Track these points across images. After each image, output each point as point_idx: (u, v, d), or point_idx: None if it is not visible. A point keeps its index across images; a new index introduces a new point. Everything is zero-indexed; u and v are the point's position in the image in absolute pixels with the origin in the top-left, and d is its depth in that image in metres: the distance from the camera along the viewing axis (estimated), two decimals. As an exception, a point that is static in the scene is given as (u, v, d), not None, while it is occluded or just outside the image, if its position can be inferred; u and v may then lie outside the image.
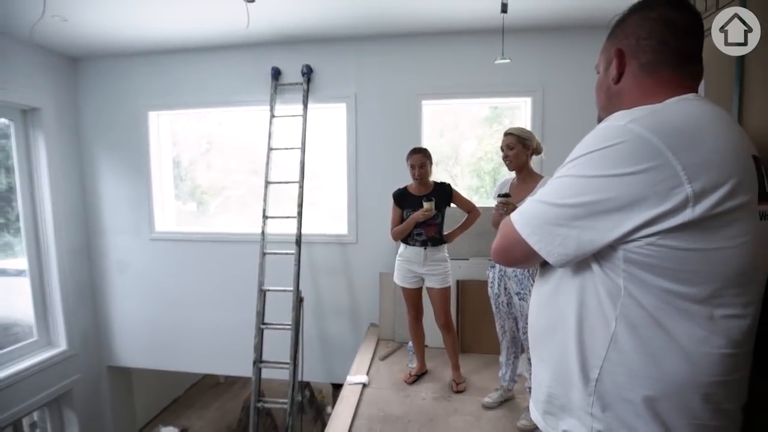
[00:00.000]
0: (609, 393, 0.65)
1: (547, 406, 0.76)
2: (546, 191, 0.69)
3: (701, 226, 0.58)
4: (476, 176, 3.57)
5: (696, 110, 0.63)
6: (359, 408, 2.22)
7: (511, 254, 0.75)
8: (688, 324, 0.61)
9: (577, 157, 0.65)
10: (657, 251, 0.59)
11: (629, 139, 0.59)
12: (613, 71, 0.74)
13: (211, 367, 3.79)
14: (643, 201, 0.58)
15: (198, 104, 3.45)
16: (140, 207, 3.53)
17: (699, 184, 0.56)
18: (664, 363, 0.62)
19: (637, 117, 0.61)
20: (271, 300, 3.09)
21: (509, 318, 2.09)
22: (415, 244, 2.32)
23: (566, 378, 0.71)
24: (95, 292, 3.67)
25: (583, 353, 0.67)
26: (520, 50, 2.75)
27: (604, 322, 0.65)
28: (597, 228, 0.62)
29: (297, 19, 2.80)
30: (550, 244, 0.66)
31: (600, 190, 0.61)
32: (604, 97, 0.78)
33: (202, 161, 3.87)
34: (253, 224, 3.36)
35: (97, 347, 3.68)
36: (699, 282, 0.60)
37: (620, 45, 0.74)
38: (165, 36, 3.07)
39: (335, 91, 3.22)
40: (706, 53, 1.01)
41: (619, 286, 0.63)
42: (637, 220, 0.59)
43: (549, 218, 0.67)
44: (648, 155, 0.58)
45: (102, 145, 3.54)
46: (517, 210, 0.74)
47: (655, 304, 0.61)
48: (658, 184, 0.57)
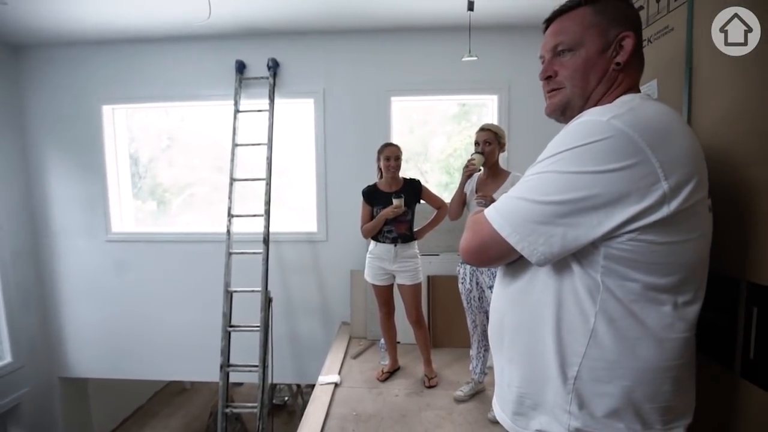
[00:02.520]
0: (587, 389, 0.66)
1: (518, 407, 0.75)
2: (526, 188, 0.65)
3: (673, 220, 0.60)
4: (446, 172, 3.61)
5: (661, 109, 0.65)
6: (331, 408, 2.19)
7: (485, 253, 0.71)
8: (657, 312, 0.64)
9: (557, 152, 0.63)
10: (637, 246, 0.61)
11: (613, 135, 0.59)
12: (621, 57, 0.69)
13: (175, 374, 3.64)
14: (626, 197, 0.59)
15: (157, 98, 3.28)
16: (94, 207, 3.32)
17: (673, 180, 0.58)
18: (640, 352, 0.64)
19: (618, 113, 0.61)
20: (239, 301, 2.99)
21: (480, 312, 2.12)
22: (386, 241, 2.31)
23: (541, 377, 0.70)
24: (44, 298, 3.43)
25: (562, 352, 0.67)
26: (486, 48, 2.79)
27: (583, 318, 0.65)
28: (582, 225, 0.61)
29: (262, 10, 2.72)
30: (534, 243, 0.64)
31: (587, 186, 0.60)
32: (594, 79, 0.71)
33: (163, 158, 3.69)
34: (218, 223, 3.23)
35: (47, 358, 3.43)
36: (670, 272, 0.63)
37: (628, 31, 0.70)
38: (121, 25, 2.90)
39: (303, 87, 3.16)
40: (659, 56, 1.06)
41: (597, 282, 0.64)
42: (620, 216, 0.59)
43: (532, 216, 0.64)
44: (631, 152, 0.58)
45: (50, 141, 3.30)
46: (492, 207, 0.70)
47: (630, 296, 0.63)
48: (640, 180, 0.58)
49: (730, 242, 0.82)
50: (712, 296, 0.78)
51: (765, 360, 0.75)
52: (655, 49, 1.09)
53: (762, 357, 0.76)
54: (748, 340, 0.78)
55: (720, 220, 0.77)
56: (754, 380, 0.77)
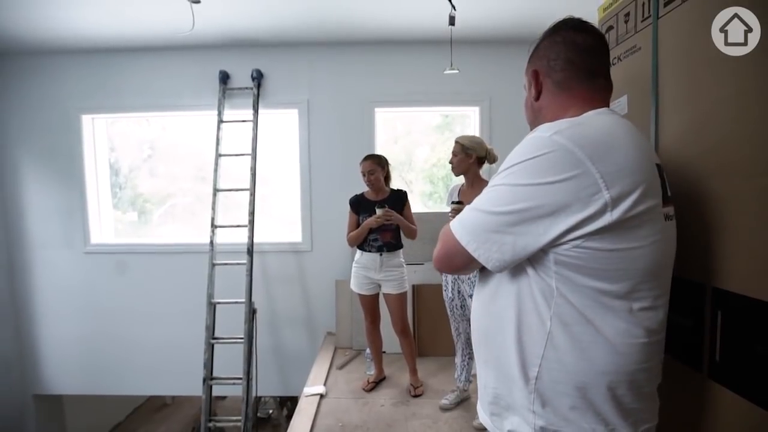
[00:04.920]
0: (547, 389, 0.69)
1: (494, 408, 0.79)
2: (483, 200, 0.71)
3: (618, 228, 0.63)
4: (430, 182, 3.66)
5: (609, 123, 0.70)
6: (317, 420, 2.17)
7: (451, 262, 0.77)
8: (612, 318, 0.67)
9: (509, 166, 0.68)
10: (582, 253, 0.64)
11: (554, 149, 0.63)
12: (533, 90, 0.82)
13: (156, 388, 3.53)
14: (568, 207, 0.63)
15: (139, 108, 3.24)
16: (72, 218, 3.24)
17: (615, 190, 0.62)
18: (594, 356, 0.67)
19: (560, 129, 0.66)
20: (222, 313, 2.94)
21: (463, 320, 2.15)
22: (371, 249, 2.32)
23: (509, 378, 0.74)
24: (18, 312, 3.31)
25: (523, 353, 0.71)
26: (468, 62, 2.86)
27: (540, 322, 0.69)
28: (530, 233, 0.65)
29: (246, 21, 2.73)
30: (488, 251, 0.69)
31: (531, 197, 0.64)
32: (530, 113, 0.85)
33: (144, 168, 3.64)
34: (201, 234, 3.19)
35: (20, 375, 3.31)
36: (620, 279, 0.66)
37: (535, 66, 0.81)
38: (102, 34, 2.87)
39: (287, 97, 3.17)
40: (629, 71, 1.12)
41: (551, 287, 0.68)
42: (564, 224, 0.63)
43: (486, 226, 0.69)
44: (571, 164, 0.62)
45: (27, 151, 3.22)
46: (456, 219, 0.76)
47: (583, 301, 0.67)
48: (581, 191, 0.62)
49: (695, 249, 0.86)
50: (679, 301, 0.82)
51: (730, 361, 0.79)
52: (624, 66, 1.14)
53: (727, 358, 0.80)
54: (714, 342, 0.82)
55: (686, 228, 0.81)
56: (721, 381, 0.81)
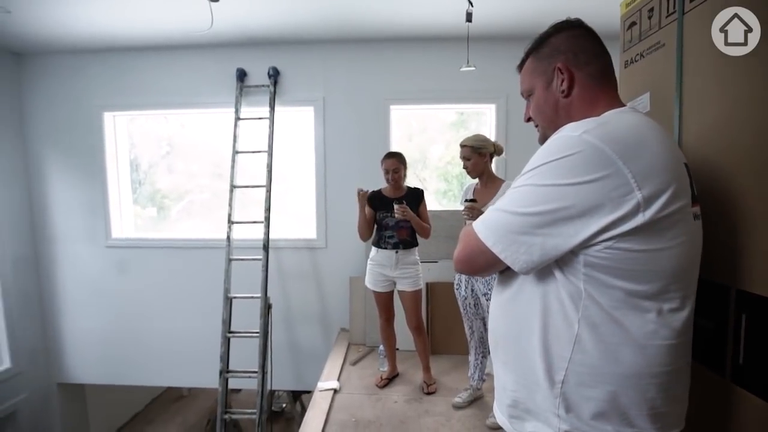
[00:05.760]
0: (573, 393, 0.68)
1: (512, 410, 0.78)
2: (507, 200, 0.70)
3: (650, 228, 0.62)
4: (444, 180, 3.64)
5: (636, 122, 0.68)
6: (330, 414, 2.19)
7: (474, 263, 0.75)
8: (641, 319, 0.66)
9: (536, 166, 0.67)
10: (614, 254, 0.63)
11: (584, 149, 0.62)
12: (563, 85, 0.76)
13: (173, 380, 3.62)
14: (600, 207, 0.62)
15: (158, 105, 3.31)
16: (95, 213, 3.34)
17: (647, 190, 0.61)
18: (623, 358, 0.66)
19: (589, 128, 0.64)
20: (238, 307, 2.99)
21: (477, 318, 2.14)
22: (387, 246, 2.33)
23: (531, 382, 0.73)
24: (44, 304, 3.43)
25: (549, 357, 0.70)
26: (484, 58, 2.84)
27: (568, 324, 0.68)
28: (560, 235, 0.64)
29: (263, 20, 2.76)
30: (516, 252, 0.68)
31: (560, 198, 0.63)
32: (551, 112, 0.80)
33: (163, 164, 3.72)
34: (218, 229, 3.25)
35: (46, 364, 3.43)
36: (650, 280, 0.65)
37: (557, 62, 0.76)
38: (122, 33, 2.93)
39: (303, 95, 3.19)
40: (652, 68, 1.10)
41: (580, 289, 0.67)
42: (596, 225, 0.62)
43: (513, 227, 0.68)
44: (602, 164, 0.61)
45: (51, 147, 3.32)
46: (479, 219, 0.75)
47: (612, 303, 0.65)
48: (613, 191, 0.61)
49: (720, 251, 0.84)
50: (702, 303, 0.80)
51: (754, 365, 0.78)
52: (647, 63, 1.12)
53: (751, 362, 0.78)
54: (737, 345, 0.80)
55: (710, 228, 0.80)
56: (744, 385, 0.79)
